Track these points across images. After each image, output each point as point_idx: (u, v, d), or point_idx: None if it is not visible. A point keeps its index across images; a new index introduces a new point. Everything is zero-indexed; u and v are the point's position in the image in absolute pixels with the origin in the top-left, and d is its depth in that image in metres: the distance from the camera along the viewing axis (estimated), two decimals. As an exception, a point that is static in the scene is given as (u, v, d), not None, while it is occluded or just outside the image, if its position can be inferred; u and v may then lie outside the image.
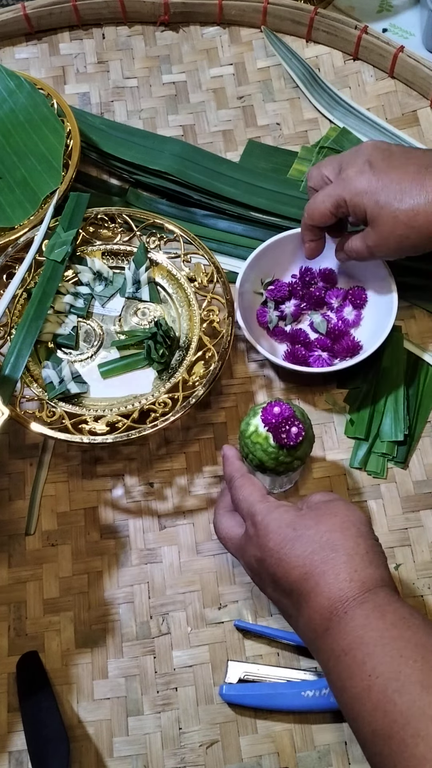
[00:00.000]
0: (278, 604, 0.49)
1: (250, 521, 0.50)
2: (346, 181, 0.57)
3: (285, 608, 0.48)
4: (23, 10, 0.79)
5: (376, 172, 0.56)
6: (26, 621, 0.58)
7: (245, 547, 0.50)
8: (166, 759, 0.54)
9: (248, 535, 0.50)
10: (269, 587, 0.49)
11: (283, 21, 0.79)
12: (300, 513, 0.49)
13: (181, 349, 0.63)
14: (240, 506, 0.51)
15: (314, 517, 0.48)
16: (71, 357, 0.64)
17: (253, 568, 0.50)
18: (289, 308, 0.66)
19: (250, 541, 0.49)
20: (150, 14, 0.80)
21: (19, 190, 0.69)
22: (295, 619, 0.47)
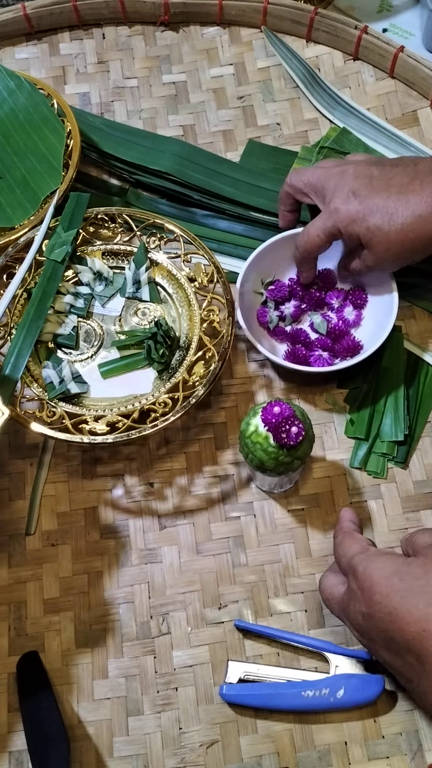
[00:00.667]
0: (393, 665, 0.47)
1: (351, 575, 0.48)
2: (334, 213, 0.59)
3: (402, 670, 0.46)
4: (23, 10, 0.79)
5: (362, 199, 0.58)
6: (26, 621, 0.58)
7: (349, 604, 0.48)
8: (166, 759, 0.54)
9: (351, 590, 0.48)
10: (381, 648, 0.47)
11: (283, 21, 0.79)
12: (405, 561, 0.47)
13: (181, 349, 0.63)
14: (341, 563, 0.50)
15: (422, 564, 0.45)
16: (71, 357, 0.64)
17: (360, 627, 0.48)
18: (289, 309, 0.66)
19: (354, 597, 0.47)
20: (150, 14, 0.80)
21: (19, 190, 0.69)
22: (416, 683, 0.45)
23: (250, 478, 0.62)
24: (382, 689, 0.53)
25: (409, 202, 0.57)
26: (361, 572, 0.47)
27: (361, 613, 0.47)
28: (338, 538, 0.52)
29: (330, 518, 0.60)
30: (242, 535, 0.60)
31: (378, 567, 0.46)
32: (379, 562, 0.47)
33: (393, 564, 0.46)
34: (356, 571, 0.47)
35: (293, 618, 0.57)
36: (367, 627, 0.47)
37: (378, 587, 0.45)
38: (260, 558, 0.59)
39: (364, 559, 0.47)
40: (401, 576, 0.45)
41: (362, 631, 0.48)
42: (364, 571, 0.47)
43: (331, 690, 0.53)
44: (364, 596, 0.46)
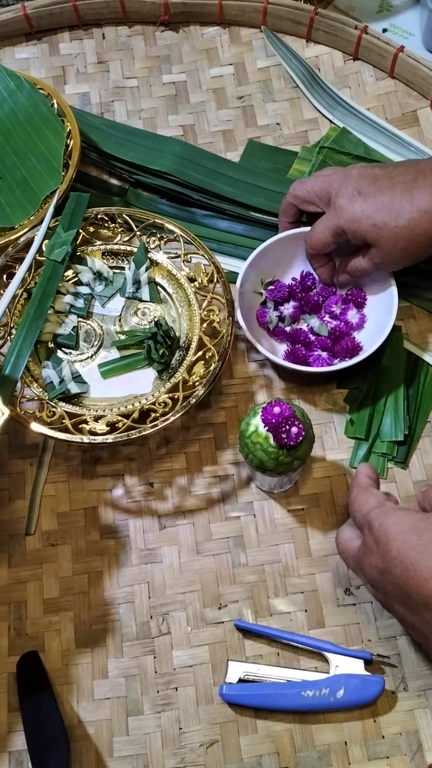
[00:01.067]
0: (408, 621, 0.47)
1: (367, 529, 0.48)
2: (340, 211, 0.60)
3: (418, 626, 0.46)
4: (23, 10, 0.79)
5: (367, 197, 0.58)
6: (26, 621, 0.58)
7: (364, 559, 0.48)
8: (166, 759, 0.54)
9: (367, 544, 0.47)
10: (396, 603, 0.46)
11: (283, 21, 0.79)
12: (423, 516, 0.46)
13: (181, 349, 0.63)
14: (356, 517, 0.50)
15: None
16: (71, 357, 0.64)
17: (374, 582, 0.47)
18: (288, 310, 0.66)
19: (370, 551, 0.47)
20: (150, 14, 0.80)
21: (19, 190, 0.69)
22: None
23: (250, 478, 0.62)
24: (382, 689, 0.53)
25: (414, 199, 0.57)
26: (377, 527, 0.46)
27: (376, 568, 0.46)
28: (354, 493, 0.51)
29: (330, 518, 0.60)
30: (242, 535, 0.60)
31: (395, 522, 0.46)
32: (396, 517, 0.46)
33: (410, 519, 0.46)
34: (372, 525, 0.47)
35: (293, 618, 0.57)
36: (382, 582, 0.46)
37: (395, 543, 0.45)
38: (260, 558, 0.59)
39: (380, 514, 0.47)
40: (419, 531, 0.44)
41: (377, 585, 0.47)
42: (380, 526, 0.46)
43: (331, 690, 0.53)
44: (380, 551, 0.46)
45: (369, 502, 0.49)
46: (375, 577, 0.47)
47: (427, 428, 0.63)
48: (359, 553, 0.49)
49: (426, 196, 0.57)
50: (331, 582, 0.58)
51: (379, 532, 0.46)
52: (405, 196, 0.58)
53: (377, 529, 0.46)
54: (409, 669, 0.55)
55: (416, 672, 0.55)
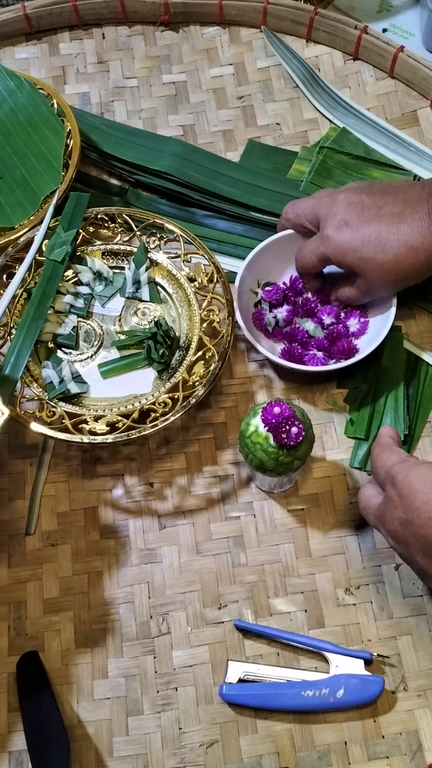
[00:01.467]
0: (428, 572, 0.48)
1: (390, 484, 0.49)
2: (327, 240, 0.60)
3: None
4: (23, 10, 0.79)
5: (354, 229, 0.58)
6: (26, 621, 0.58)
7: (386, 512, 0.49)
8: (166, 759, 0.54)
9: (389, 498, 0.49)
10: (418, 554, 0.47)
11: (283, 21, 0.79)
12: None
13: (181, 349, 0.63)
14: (378, 474, 0.51)
15: None
16: (71, 357, 0.64)
17: (396, 534, 0.49)
18: (282, 313, 0.66)
19: (392, 504, 0.48)
20: (150, 14, 0.80)
21: (19, 190, 0.69)
22: None
23: (250, 478, 0.62)
24: (382, 689, 0.53)
25: (401, 232, 0.57)
26: (400, 480, 0.47)
27: (398, 520, 0.47)
28: (376, 451, 0.52)
29: (330, 518, 0.60)
30: (242, 535, 0.60)
31: (418, 474, 0.47)
32: (419, 470, 0.47)
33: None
34: (395, 479, 0.48)
35: (293, 618, 0.57)
36: (404, 533, 0.47)
37: (419, 494, 0.46)
38: (260, 558, 0.59)
39: (403, 468, 0.48)
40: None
41: (398, 537, 0.48)
42: (404, 479, 0.47)
43: (331, 690, 0.53)
44: (403, 503, 0.47)
45: (391, 458, 0.50)
46: (397, 529, 0.48)
47: (427, 428, 0.63)
48: (381, 507, 0.50)
49: (412, 230, 0.57)
50: (331, 582, 0.58)
51: (403, 484, 0.47)
52: (392, 229, 0.57)
53: (401, 482, 0.47)
54: (409, 669, 0.55)
55: (416, 672, 0.55)
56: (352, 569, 0.59)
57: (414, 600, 0.57)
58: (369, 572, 0.58)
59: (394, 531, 0.49)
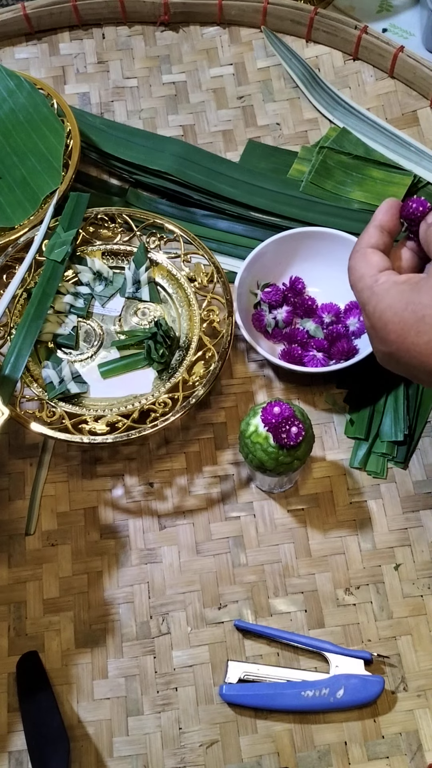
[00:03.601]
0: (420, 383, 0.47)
1: (363, 311, 0.46)
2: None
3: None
4: (23, 10, 0.79)
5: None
6: (26, 621, 0.58)
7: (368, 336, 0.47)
8: (166, 759, 0.54)
9: (366, 324, 0.46)
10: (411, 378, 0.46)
11: (283, 21, 0.79)
12: (415, 286, 0.43)
13: (181, 349, 0.63)
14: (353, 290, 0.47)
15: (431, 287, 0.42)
16: (71, 357, 0.64)
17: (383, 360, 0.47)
18: (281, 314, 0.66)
19: (370, 334, 0.46)
20: (150, 14, 0.80)
21: (19, 190, 0.69)
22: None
23: (250, 478, 0.62)
24: (382, 689, 0.53)
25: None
26: (371, 311, 0.44)
27: (380, 352, 0.46)
28: (351, 259, 0.48)
29: (330, 518, 0.60)
30: (242, 535, 0.60)
31: (388, 304, 0.44)
32: (388, 298, 0.44)
33: (403, 297, 0.43)
34: (366, 309, 0.45)
35: (293, 618, 0.57)
36: (389, 362, 0.46)
37: (391, 326, 0.43)
38: (260, 558, 0.59)
39: (372, 296, 0.45)
40: (413, 307, 0.42)
41: (385, 363, 0.47)
42: (374, 311, 0.44)
43: (331, 690, 0.53)
44: (379, 335, 0.44)
45: (364, 277, 0.46)
46: (381, 357, 0.47)
47: (427, 428, 0.63)
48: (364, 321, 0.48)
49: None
50: (331, 582, 0.58)
51: (374, 317, 0.44)
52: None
53: (371, 313, 0.45)
54: (409, 669, 0.55)
55: (416, 672, 0.55)
56: (352, 569, 0.59)
57: (414, 600, 0.57)
58: (369, 572, 0.58)
59: (380, 358, 0.47)
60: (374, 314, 0.44)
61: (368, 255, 0.47)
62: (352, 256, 0.49)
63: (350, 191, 0.72)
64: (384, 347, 0.44)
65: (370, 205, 0.71)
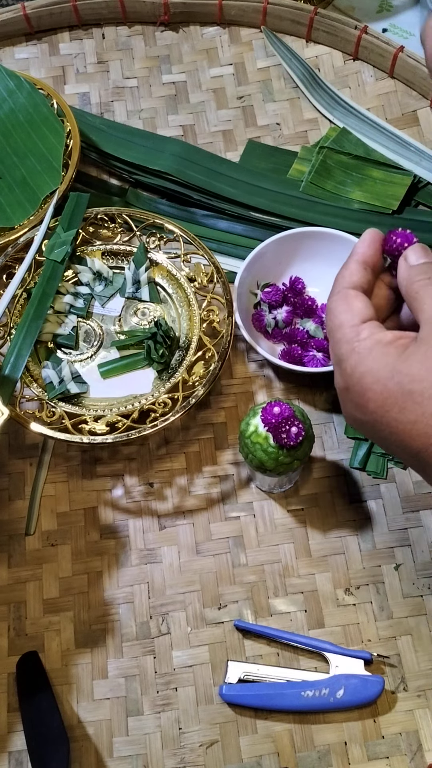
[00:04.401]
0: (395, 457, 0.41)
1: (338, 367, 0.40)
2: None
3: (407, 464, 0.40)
4: (23, 10, 0.79)
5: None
6: (26, 621, 0.58)
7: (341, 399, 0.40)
8: (166, 759, 0.54)
9: (339, 386, 0.40)
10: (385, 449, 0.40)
11: (283, 21, 0.79)
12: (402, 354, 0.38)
13: (181, 349, 0.63)
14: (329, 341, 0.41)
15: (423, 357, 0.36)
16: (71, 357, 0.64)
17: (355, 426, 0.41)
18: (281, 314, 0.66)
19: (344, 395, 0.40)
20: (150, 14, 0.80)
21: (19, 190, 0.69)
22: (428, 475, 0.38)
23: (249, 478, 0.62)
24: (382, 689, 0.53)
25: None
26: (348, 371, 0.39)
27: (353, 417, 0.40)
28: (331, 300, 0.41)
29: (330, 518, 0.60)
30: (242, 535, 0.60)
31: (370, 368, 0.38)
32: (371, 361, 0.38)
33: (388, 362, 0.37)
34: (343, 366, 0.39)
35: (293, 618, 0.57)
36: (363, 430, 0.40)
37: (371, 394, 0.38)
38: (260, 558, 0.59)
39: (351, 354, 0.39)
40: (400, 378, 0.37)
41: (358, 428, 0.41)
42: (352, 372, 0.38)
43: (331, 690, 0.53)
44: (355, 401, 0.39)
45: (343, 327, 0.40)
46: (354, 423, 0.40)
47: (427, 428, 0.63)
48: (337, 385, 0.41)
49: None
50: (331, 582, 0.58)
51: (351, 378, 0.39)
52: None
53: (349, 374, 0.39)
54: (409, 669, 0.55)
55: (416, 672, 0.55)
56: (352, 569, 0.59)
57: (414, 600, 0.57)
58: (369, 572, 0.58)
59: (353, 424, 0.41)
60: (352, 375, 0.39)
61: (350, 299, 0.41)
62: (332, 296, 0.43)
63: (350, 191, 0.72)
64: (359, 414, 0.39)
65: (370, 205, 0.71)
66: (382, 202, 0.70)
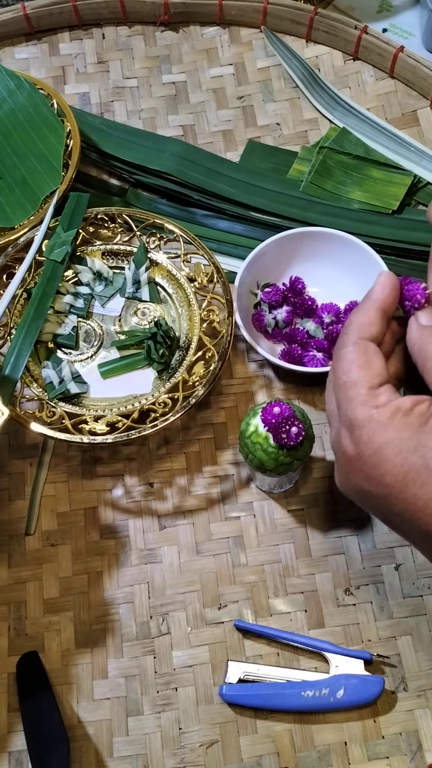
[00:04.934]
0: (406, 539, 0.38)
1: (348, 432, 0.36)
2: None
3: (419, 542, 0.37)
4: (23, 10, 0.79)
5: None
6: (26, 621, 0.58)
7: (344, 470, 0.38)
8: (166, 759, 0.54)
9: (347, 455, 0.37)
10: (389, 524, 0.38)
11: (283, 21, 0.79)
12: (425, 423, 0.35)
13: (181, 349, 0.63)
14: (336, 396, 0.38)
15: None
16: (71, 357, 0.64)
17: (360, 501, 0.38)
18: (281, 314, 0.66)
19: (352, 466, 0.37)
20: (150, 14, 0.80)
21: (19, 190, 0.69)
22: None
23: (250, 478, 0.62)
24: (382, 689, 0.53)
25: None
26: (365, 440, 0.35)
27: (358, 489, 0.37)
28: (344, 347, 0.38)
29: (330, 518, 0.60)
30: (242, 535, 0.60)
31: (390, 439, 0.35)
32: (392, 431, 0.35)
33: (410, 433, 0.34)
34: (357, 432, 0.36)
35: (293, 618, 0.57)
36: (368, 503, 0.37)
37: (390, 466, 0.35)
38: (260, 558, 0.59)
39: (369, 422, 0.35)
40: (424, 452, 0.34)
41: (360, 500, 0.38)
42: (369, 441, 0.35)
43: (331, 690, 0.53)
44: (367, 470, 0.36)
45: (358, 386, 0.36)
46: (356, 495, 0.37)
47: (427, 428, 0.63)
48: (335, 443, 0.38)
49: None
50: (331, 582, 0.58)
51: (367, 446, 0.35)
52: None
53: (364, 441, 0.35)
54: (409, 669, 0.55)
55: (416, 672, 0.55)
56: (352, 569, 0.59)
57: (414, 600, 0.57)
58: (369, 572, 0.58)
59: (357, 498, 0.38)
60: (369, 445, 0.35)
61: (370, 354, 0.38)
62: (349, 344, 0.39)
63: (350, 191, 0.72)
64: (369, 486, 0.36)
65: (370, 205, 0.71)
66: (382, 202, 0.70)
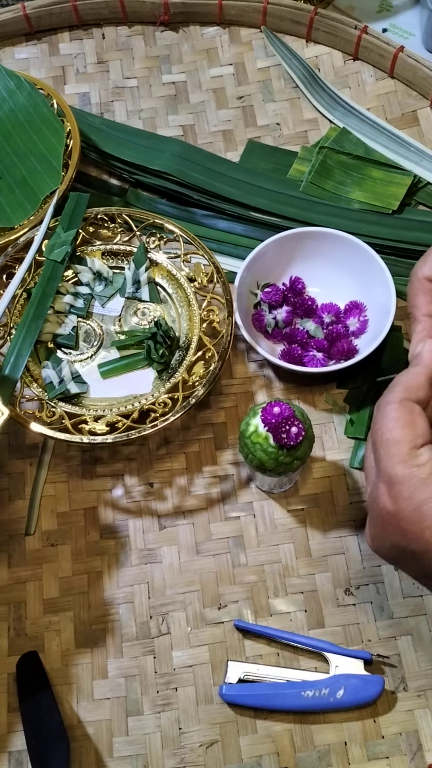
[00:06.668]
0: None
1: (385, 487, 0.37)
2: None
3: None
4: (23, 10, 0.79)
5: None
6: (26, 621, 0.58)
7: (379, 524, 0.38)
8: (166, 759, 0.54)
9: (384, 509, 0.37)
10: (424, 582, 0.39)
11: (283, 21, 0.79)
12: None
13: (181, 349, 0.63)
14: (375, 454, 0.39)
15: None
16: (71, 357, 0.64)
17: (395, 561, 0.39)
18: (281, 315, 0.66)
19: (388, 520, 0.37)
20: (150, 14, 0.80)
21: (19, 190, 0.69)
22: None
23: (249, 478, 0.62)
24: (382, 689, 0.53)
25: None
26: (406, 496, 0.36)
27: (392, 545, 0.38)
28: (389, 405, 0.39)
29: (330, 518, 0.60)
30: (242, 535, 0.60)
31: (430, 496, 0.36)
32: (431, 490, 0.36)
33: None
34: (397, 488, 0.36)
35: (293, 618, 0.57)
36: (402, 559, 0.38)
37: (430, 522, 0.35)
38: (260, 558, 0.59)
39: (410, 478, 0.36)
40: None
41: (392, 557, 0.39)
42: (410, 497, 0.36)
43: (331, 690, 0.53)
44: (406, 526, 0.36)
45: (400, 444, 0.37)
46: (392, 550, 0.38)
47: (427, 428, 0.63)
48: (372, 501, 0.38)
49: None
50: (331, 582, 0.58)
51: (407, 503, 0.36)
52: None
53: (405, 498, 0.36)
54: (409, 669, 0.55)
55: (416, 672, 0.55)
56: (352, 569, 0.59)
57: (414, 600, 0.57)
58: (369, 572, 0.58)
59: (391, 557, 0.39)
60: (409, 501, 0.36)
61: (415, 415, 0.39)
62: (394, 402, 0.39)
63: (350, 191, 0.72)
64: (406, 542, 0.36)
65: (370, 205, 0.71)
66: (382, 202, 0.70)
